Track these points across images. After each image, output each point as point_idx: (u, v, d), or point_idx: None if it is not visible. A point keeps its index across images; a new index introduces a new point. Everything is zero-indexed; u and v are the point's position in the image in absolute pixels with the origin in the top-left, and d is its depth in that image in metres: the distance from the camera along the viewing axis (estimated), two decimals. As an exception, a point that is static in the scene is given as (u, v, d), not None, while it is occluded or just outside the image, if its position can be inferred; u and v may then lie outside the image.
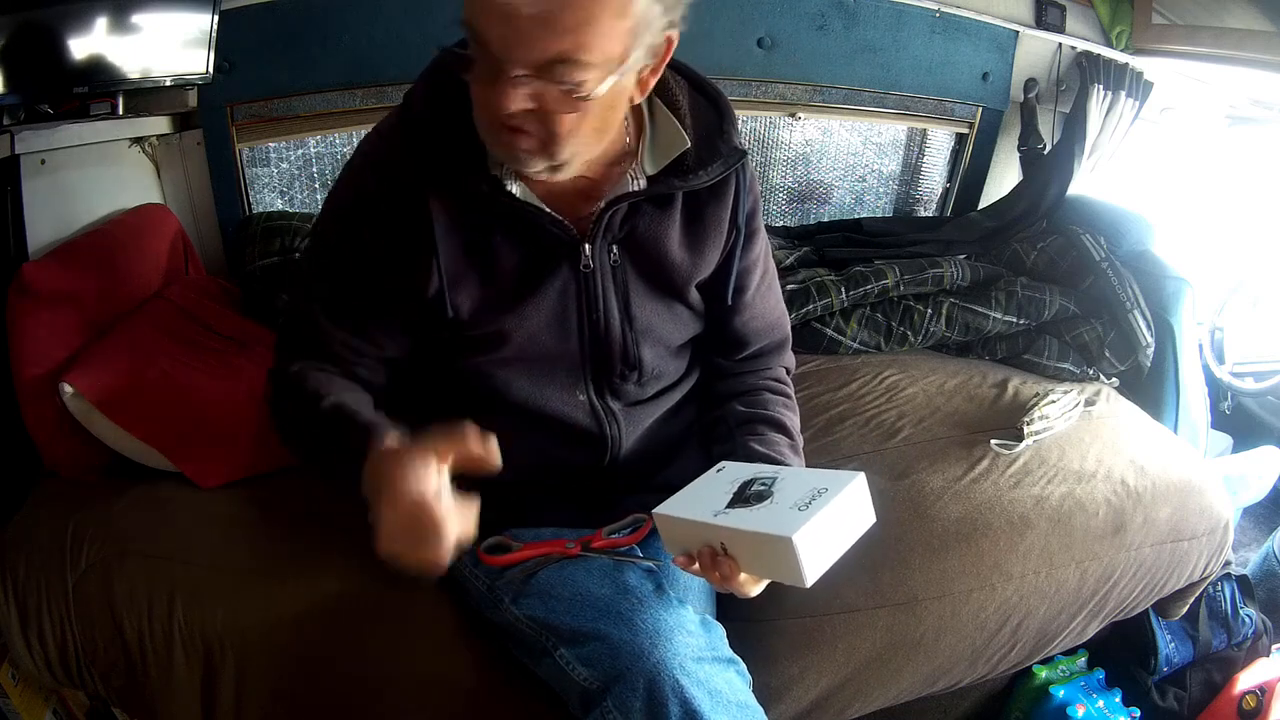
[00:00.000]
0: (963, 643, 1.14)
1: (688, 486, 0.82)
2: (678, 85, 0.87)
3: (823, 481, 0.73)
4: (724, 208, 0.92)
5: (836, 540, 0.71)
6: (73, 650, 0.99)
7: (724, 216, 0.92)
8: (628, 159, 0.86)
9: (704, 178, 0.86)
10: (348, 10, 1.60)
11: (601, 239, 0.86)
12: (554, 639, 0.84)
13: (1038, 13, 2.00)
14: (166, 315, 1.33)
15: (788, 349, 1.07)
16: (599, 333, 0.90)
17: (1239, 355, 2.00)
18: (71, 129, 1.31)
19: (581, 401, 0.93)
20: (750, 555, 0.72)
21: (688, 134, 0.85)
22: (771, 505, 0.72)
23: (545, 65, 0.68)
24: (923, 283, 1.65)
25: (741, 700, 0.79)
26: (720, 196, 0.91)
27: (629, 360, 0.92)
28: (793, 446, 0.96)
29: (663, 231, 0.89)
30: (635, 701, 0.74)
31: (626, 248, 0.89)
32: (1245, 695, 1.35)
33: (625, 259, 0.89)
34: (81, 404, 1.10)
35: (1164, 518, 1.25)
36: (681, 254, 0.91)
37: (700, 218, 0.91)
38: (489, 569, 0.93)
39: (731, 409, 0.99)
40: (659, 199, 0.88)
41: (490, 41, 0.68)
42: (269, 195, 1.80)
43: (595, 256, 0.87)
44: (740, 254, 0.94)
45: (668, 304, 0.94)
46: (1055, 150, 1.95)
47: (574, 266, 0.87)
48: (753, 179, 0.94)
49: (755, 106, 1.95)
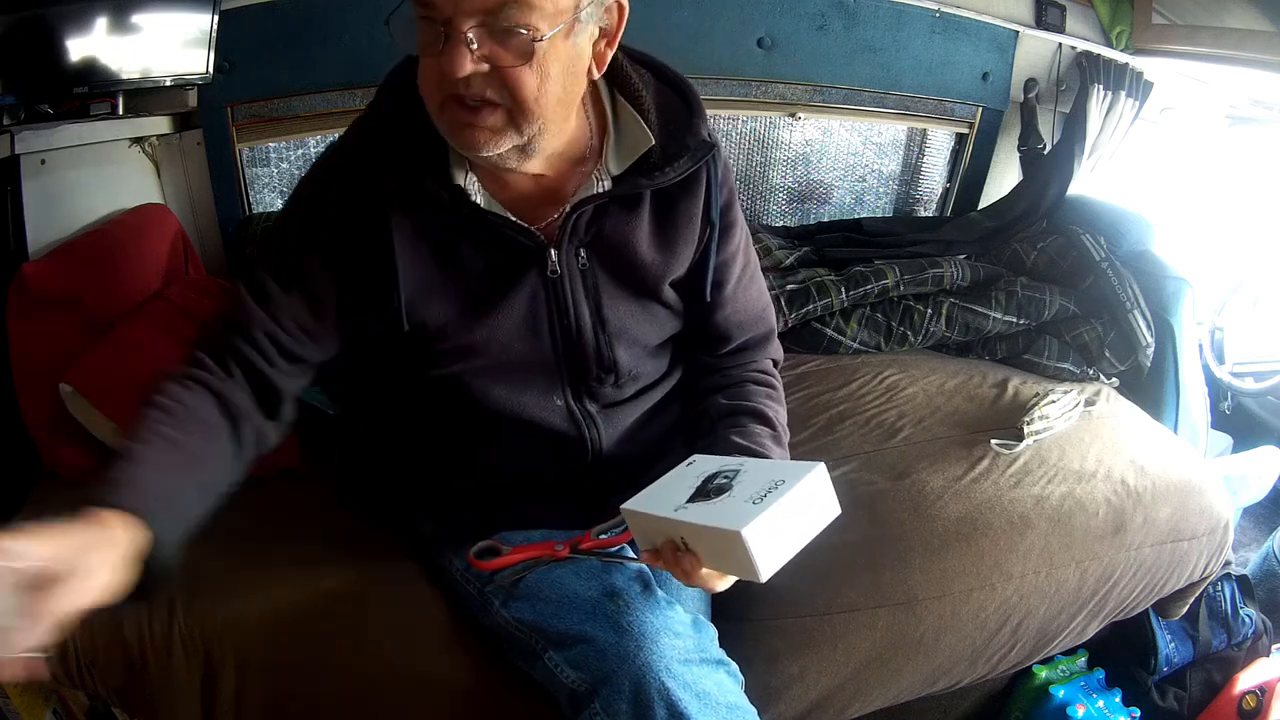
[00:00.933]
0: (963, 643, 1.14)
1: (658, 480, 0.80)
2: (642, 79, 0.85)
3: (782, 473, 0.70)
4: (695, 203, 0.89)
5: (794, 533, 0.68)
6: (72, 650, 0.99)
7: (696, 212, 0.90)
8: (591, 159, 0.85)
9: (671, 175, 0.84)
10: (348, 10, 1.60)
11: (568, 243, 0.85)
12: (543, 642, 0.84)
13: (1038, 13, 2.00)
14: (166, 315, 1.33)
15: (773, 340, 1.04)
16: (571, 337, 0.88)
17: (1239, 355, 2.00)
18: (71, 129, 1.31)
19: (559, 406, 0.91)
20: (708, 549, 0.71)
21: (652, 130, 0.83)
22: (729, 498, 0.70)
23: (494, 9, 0.68)
24: (923, 283, 1.65)
25: (731, 702, 0.78)
26: (691, 192, 0.89)
27: (603, 363, 0.91)
28: (775, 437, 0.93)
29: (631, 232, 0.87)
30: (622, 704, 0.74)
31: (594, 250, 0.87)
32: (1245, 695, 1.35)
33: (594, 261, 0.87)
34: (81, 404, 1.10)
35: (1164, 518, 1.25)
36: (652, 253, 0.89)
37: (671, 215, 0.89)
38: (479, 573, 0.93)
39: (714, 402, 0.97)
40: (626, 199, 0.86)
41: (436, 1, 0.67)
42: (269, 195, 1.80)
43: (562, 261, 0.85)
44: (717, 249, 0.92)
45: (642, 304, 0.92)
46: (1055, 150, 1.95)
47: (541, 272, 0.85)
48: (725, 171, 0.92)
49: (755, 106, 1.95)
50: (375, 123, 0.83)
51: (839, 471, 1.25)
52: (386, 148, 0.80)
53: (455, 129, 0.75)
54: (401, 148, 0.80)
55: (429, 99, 0.75)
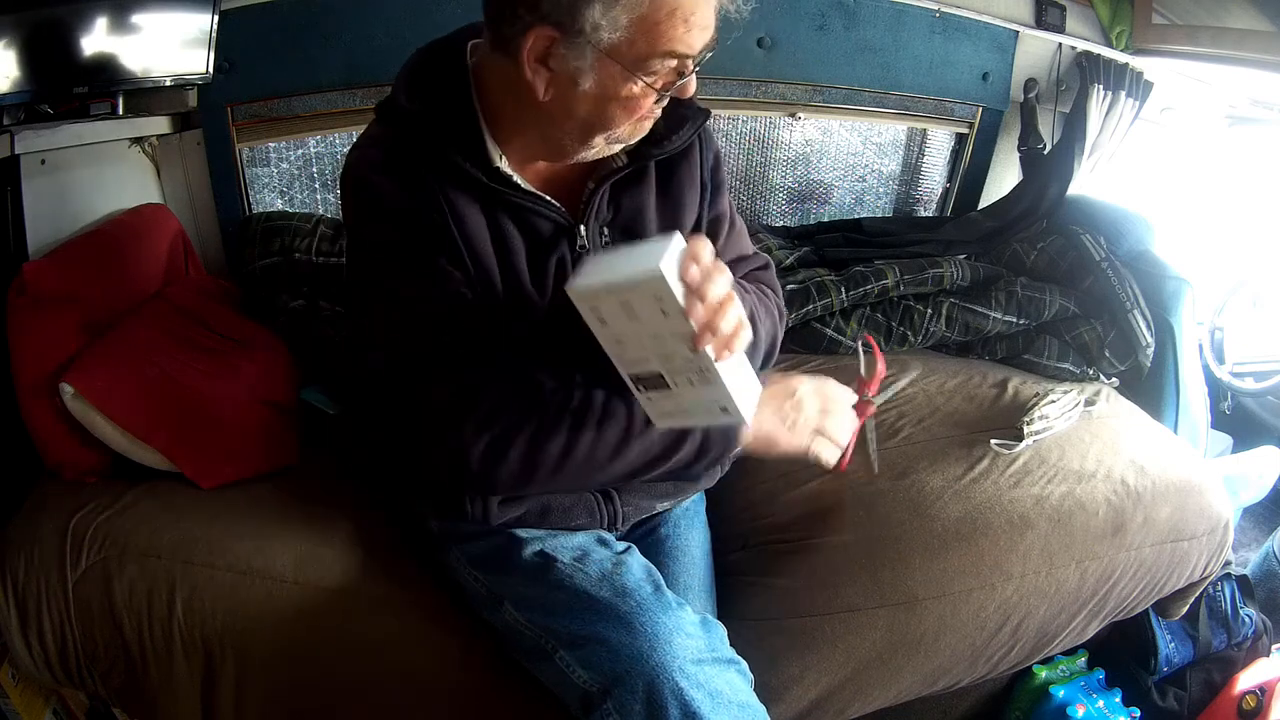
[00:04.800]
0: (963, 642, 1.14)
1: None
2: None
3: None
4: (693, 168, 0.94)
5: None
6: (72, 650, 0.99)
7: (695, 176, 0.94)
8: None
9: (676, 143, 0.89)
10: (348, 10, 1.60)
11: (594, 220, 0.88)
12: (554, 641, 0.84)
13: (1038, 13, 2.00)
14: (166, 315, 1.33)
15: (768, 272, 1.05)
16: None
17: (1239, 355, 2.00)
18: (71, 129, 1.31)
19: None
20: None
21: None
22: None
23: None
24: (923, 283, 1.65)
25: (743, 700, 0.79)
26: (688, 158, 0.93)
27: None
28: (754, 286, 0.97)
29: (643, 203, 0.91)
30: (635, 704, 0.74)
31: (614, 225, 0.90)
32: (1245, 695, 1.35)
33: (615, 236, 0.90)
34: (81, 404, 1.10)
35: (1164, 518, 1.25)
36: (661, 221, 0.92)
37: (672, 184, 0.92)
38: (488, 572, 0.93)
39: None
40: (635, 173, 0.89)
41: (694, 48, 0.76)
42: (269, 195, 1.80)
43: (589, 237, 0.88)
44: (709, 206, 0.96)
45: None
46: (1055, 150, 1.95)
47: (571, 249, 0.88)
48: (709, 133, 0.96)
49: (755, 106, 1.95)
50: (402, 120, 0.83)
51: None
52: (423, 140, 0.82)
53: (642, 129, 0.83)
54: (437, 135, 0.81)
55: (621, 124, 0.80)
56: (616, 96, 0.77)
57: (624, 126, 0.80)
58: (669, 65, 0.76)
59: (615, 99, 0.77)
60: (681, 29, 0.73)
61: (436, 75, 0.83)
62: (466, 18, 0.86)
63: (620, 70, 0.75)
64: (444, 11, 1.64)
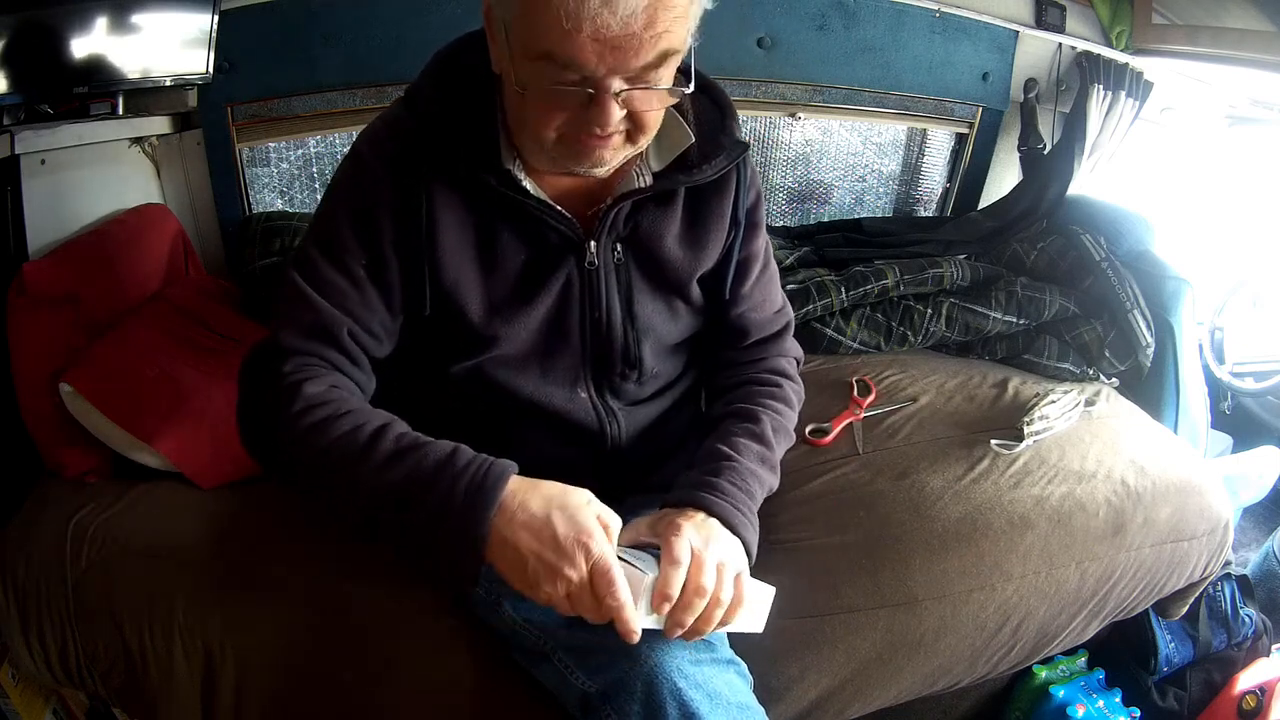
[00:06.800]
0: (963, 643, 1.14)
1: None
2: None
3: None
4: (725, 202, 0.92)
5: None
6: (73, 650, 0.99)
7: (725, 211, 0.92)
8: (633, 156, 0.86)
9: (708, 172, 0.86)
10: (348, 10, 1.60)
11: (606, 236, 0.86)
12: (553, 643, 0.84)
13: (1038, 13, 2.00)
14: (166, 315, 1.33)
15: (787, 339, 1.05)
16: (600, 331, 0.90)
17: (1239, 355, 2.00)
18: (71, 129, 1.31)
19: (583, 399, 0.93)
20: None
21: (691, 129, 0.85)
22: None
23: (649, 67, 0.69)
24: (923, 283, 1.65)
25: (742, 701, 0.79)
26: (721, 191, 0.91)
27: (629, 359, 0.92)
28: (754, 434, 0.92)
29: (665, 228, 0.89)
30: (633, 706, 0.74)
31: (630, 245, 0.89)
32: (1245, 695, 1.35)
33: (629, 256, 0.89)
34: (81, 404, 1.10)
35: (1164, 518, 1.25)
36: (682, 251, 0.91)
37: (702, 213, 0.91)
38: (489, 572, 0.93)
39: (715, 406, 1.00)
40: (662, 196, 0.88)
41: (587, 63, 0.67)
42: (269, 195, 1.80)
43: (600, 254, 0.87)
44: (740, 247, 0.94)
45: (669, 301, 0.94)
46: (1055, 150, 1.95)
47: (579, 264, 0.87)
48: (754, 173, 0.94)
49: (755, 106, 1.95)
50: (420, 108, 0.82)
51: (839, 471, 1.25)
52: (435, 133, 0.80)
53: (581, 154, 0.76)
54: (450, 134, 0.80)
55: (541, 132, 0.74)
56: (513, 91, 0.73)
57: (547, 136, 0.74)
58: (566, 75, 0.68)
59: (514, 94, 0.73)
60: (557, 28, 0.64)
61: (467, 66, 0.81)
62: (466, 17, 0.86)
63: (509, 59, 0.71)
64: (444, 11, 1.64)
